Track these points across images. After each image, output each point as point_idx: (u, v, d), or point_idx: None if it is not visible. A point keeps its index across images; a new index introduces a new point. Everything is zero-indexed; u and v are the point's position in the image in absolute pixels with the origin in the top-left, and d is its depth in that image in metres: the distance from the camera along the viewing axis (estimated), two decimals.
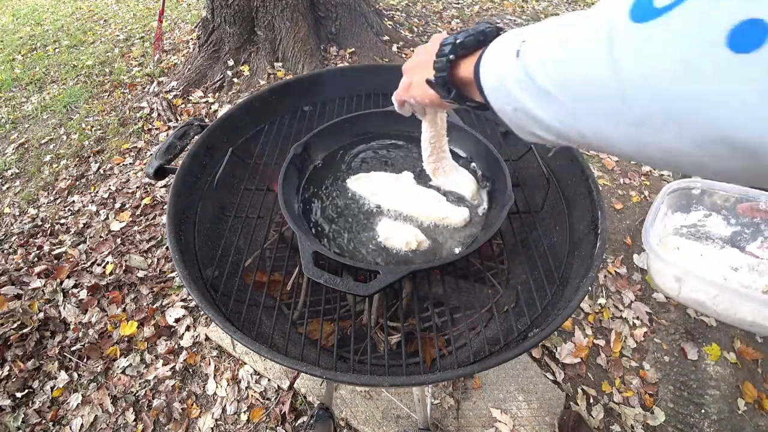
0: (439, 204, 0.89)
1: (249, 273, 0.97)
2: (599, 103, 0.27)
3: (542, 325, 0.73)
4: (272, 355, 0.66)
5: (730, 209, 1.00)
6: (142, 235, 1.99)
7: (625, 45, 0.24)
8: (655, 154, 0.27)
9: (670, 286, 0.89)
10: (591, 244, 0.82)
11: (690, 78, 0.22)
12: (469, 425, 1.34)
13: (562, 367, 1.51)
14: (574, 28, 0.29)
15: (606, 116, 0.27)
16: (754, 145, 0.21)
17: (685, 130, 0.23)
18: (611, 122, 0.27)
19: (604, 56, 0.26)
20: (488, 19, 3.86)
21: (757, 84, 0.19)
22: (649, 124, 0.25)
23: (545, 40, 0.32)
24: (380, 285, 0.69)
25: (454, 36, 0.44)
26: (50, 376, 1.51)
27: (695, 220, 1.03)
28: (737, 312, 0.88)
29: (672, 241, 1.02)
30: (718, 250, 1.01)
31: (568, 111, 0.30)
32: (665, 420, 1.40)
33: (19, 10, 4.43)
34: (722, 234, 1.01)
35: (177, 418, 1.41)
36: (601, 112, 0.27)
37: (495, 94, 0.37)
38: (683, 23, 0.22)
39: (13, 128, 2.75)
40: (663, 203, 0.98)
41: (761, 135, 0.20)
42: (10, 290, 1.70)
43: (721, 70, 0.20)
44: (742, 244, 0.99)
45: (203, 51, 2.87)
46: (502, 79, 0.35)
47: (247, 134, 1.14)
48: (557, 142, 0.35)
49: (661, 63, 0.23)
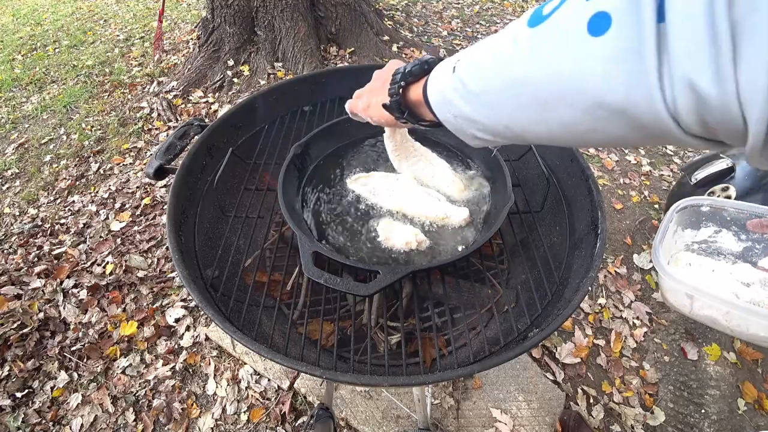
0: (439, 204, 0.89)
1: (249, 273, 0.97)
2: (512, 92, 0.34)
3: (542, 325, 0.73)
4: (272, 355, 0.66)
5: (740, 225, 1.00)
6: (142, 235, 1.99)
7: (525, 44, 0.32)
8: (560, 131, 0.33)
9: (681, 303, 0.89)
10: (591, 244, 0.83)
11: (567, 60, 0.28)
12: (469, 425, 1.34)
13: (562, 367, 1.51)
14: (492, 40, 0.36)
15: (519, 103, 0.34)
16: (621, 105, 0.27)
17: (574, 101, 0.29)
18: (523, 108, 0.34)
19: (511, 55, 0.33)
20: (488, 19, 3.86)
21: (610, 57, 0.26)
22: (550, 102, 0.31)
23: (473, 53, 0.39)
24: (380, 285, 0.69)
25: (403, 66, 0.53)
26: (50, 376, 1.51)
27: (706, 236, 1.03)
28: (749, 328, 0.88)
29: (684, 257, 1.02)
30: (730, 266, 1.01)
31: (492, 105, 0.37)
32: (665, 420, 1.40)
33: (19, 10, 4.43)
34: (734, 249, 1.02)
35: (177, 418, 1.41)
36: (515, 99, 0.34)
37: (439, 107, 0.44)
38: (559, 22, 0.29)
39: (13, 128, 2.75)
40: (672, 221, 0.98)
41: (624, 97, 0.26)
42: (10, 290, 1.70)
43: (586, 51, 0.27)
44: (754, 259, 1.00)
45: (203, 51, 2.87)
46: (443, 93, 0.42)
47: (247, 134, 1.14)
48: (494, 140, 0.41)
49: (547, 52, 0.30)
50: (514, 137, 0.39)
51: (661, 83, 0.24)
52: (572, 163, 0.97)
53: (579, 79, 0.28)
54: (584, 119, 0.30)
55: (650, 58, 0.24)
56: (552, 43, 0.30)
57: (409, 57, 3.12)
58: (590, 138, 0.32)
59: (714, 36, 0.21)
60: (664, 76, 0.24)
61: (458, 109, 0.40)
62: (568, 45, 0.28)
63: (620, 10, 0.25)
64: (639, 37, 0.24)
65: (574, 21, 0.27)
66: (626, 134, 0.29)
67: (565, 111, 0.31)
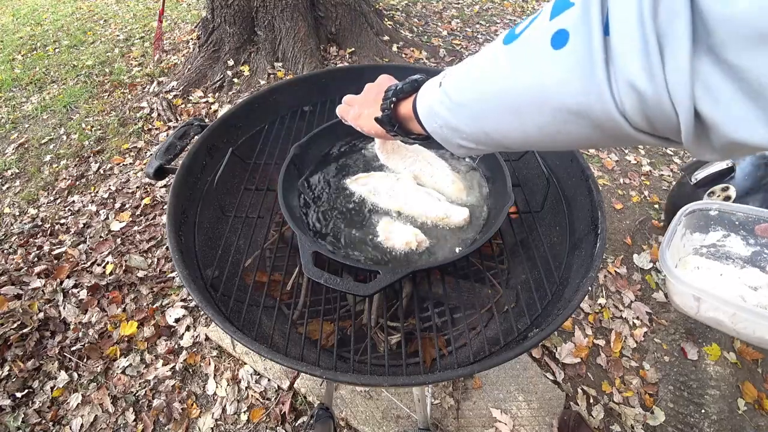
0: (439, 204, 0.89)
1: (249, 273, 0.97)
2: (491, 102, 0.38)
3: (542, 325, 0.73)
4: (272, 355, 0.66)
5: (748, 230, 1.00)
6: (142, 235, 1.99)
7: (501, 59, 0.36)
8: (535, 134, 0.37)
9: (688, 305, 0.90)
10: (591, 244, 0.83)
11: (535, 71, 0.32)
12: (469, 425, 1.34)
13: (562, 367, 1.51)
14: (474, 58, 0.41)
15: (497, 112, 0.38)
16: (581, 108, 0.30)
17: (543, 107, 0.33)
18: (502, 116, 0.38)
19: (489, 69, 0.38)
20: (488, 19, 3.86)
21: (568, 67, 0.30)
22: (523, 109, 0.35)
23: (457, 70, 0.43)
24: (380, 285, 0.69)
25: (395, 84, 0.57)
26: (50, 376, 1.51)
27: (714, 240, 1.04)
28: (755, 331, 0.88)
29: (692, 261, 1.03)
30: (738, 270, 1.01)
31: (474, 114, 0.40)
32: (665, 420, 1.40)
33: (19, 10, 4.43)
34: (742, 254, 1.02)
35: (177, 418, 1.41)
36: (494, 108, 0.38)
37: (427, 119, 0.47)
38: (528, 39, 0.33)
39: (13, 128, 2.75)
40: (681, 224, 0.98)
41: (583, 100, 0.30)
42: (10, 290, 1.70)
43: (550, 62, 0.31)
44: (762, 263, 1.00)
45: (203, 51, 2.87)
46: (431, 105, 0.46)
47: (247, 134, 1.14)
48: (476, 148, 0.44)
49: (519, 66, 0.34)
50: (495, 144, 0.43)
51: (610, 86, 0.28)
52: (572, 163, 0.97)
53: (546, 87, 0.32)
54: (552, 123, 0.34)
55: (599, 66, 0.28)
56: (523, 57, 0.34)
57: (409, 57, 3.12)
58: (561, 140, 0.36)
59: (645, 43, 0.25)
60: (612, 79, 0.28)
61: (444, 119, 0.44)
62: (536, 58, 0.32)
63: (575, 27, 0.29)
64: (590, 49, 0.28)
65: (540, 38, 0.32)
66: (590, 134, 0.33)
67: (536, 117, 0.35)
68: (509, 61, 0.35)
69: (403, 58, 3.08)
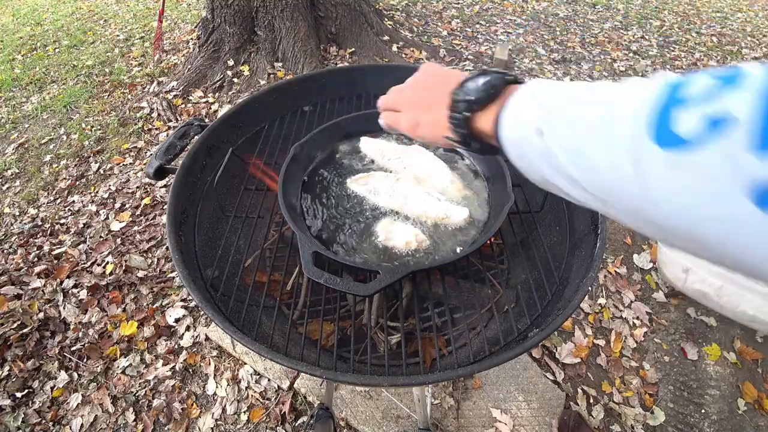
0: (439, 204, 0.89)
1: (249, 273, 0.97)
2: (625, 203, 0.30)
3: (542, 325, 0.73)
4: (272, 355, 0.65)
5: None
6: (142, 235, 1.99)
7: (654, 168, 0.26)
8: (674, 240, 0.29)
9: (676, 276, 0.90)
10: (591, 244, 0.82)
11: (730, 228, 0.23)
12: (469, 425, 1.34)
13: (562, 367, 1.51)
14: (594, 127, 0.31)
15: (629, 212, 0.30)
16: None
17: (736, 261, 0.25)
18: (634, 216, 0.30)
19: (631, 173, 0.27)
20: (488, 19, 3.86)
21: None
22: (672, 231, 0.27)
23: (565, 128, 0.34)
24: (380, 285, 0.69)
25: (464, 90, 0.45)
26: (50, 376, 1.51)
27: None
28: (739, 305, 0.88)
29: None
30: None
31: (597, 200, 0.33)
32: (665, 420, 1.40)
33: (19, 10, 4.43)
34: None
35: (177, 418, 1.41)
36: (626, 209, 0.30)
37: (519, 161, 0.40)
38: (712, 171, 0.23)
39: (13, 128, 2.75)
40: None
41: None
42: (10, 290, 1.70)
43: (759, 225, 0.22)
44: None
45: (203, 51, 2.87)
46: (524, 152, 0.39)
47: (247, 134, 1.14)
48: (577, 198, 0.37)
49: (688, 190, 0.24)
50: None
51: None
52: None
53: (748, 253, 0.23)
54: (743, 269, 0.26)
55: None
56: (700, 182, 0.24)
57: (409, 57, 3.12)
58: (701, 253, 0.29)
59: None
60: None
61: (547, 174, 0.37)
62: (728, 210, 0.23)
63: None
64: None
65: (733, 183, 0.22)
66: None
67: (717, 253, 0.26)
68: (669, 177, 0.25)
69: (403, 58, 3.09)
